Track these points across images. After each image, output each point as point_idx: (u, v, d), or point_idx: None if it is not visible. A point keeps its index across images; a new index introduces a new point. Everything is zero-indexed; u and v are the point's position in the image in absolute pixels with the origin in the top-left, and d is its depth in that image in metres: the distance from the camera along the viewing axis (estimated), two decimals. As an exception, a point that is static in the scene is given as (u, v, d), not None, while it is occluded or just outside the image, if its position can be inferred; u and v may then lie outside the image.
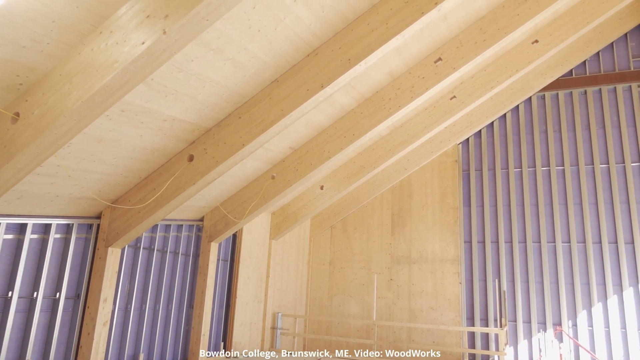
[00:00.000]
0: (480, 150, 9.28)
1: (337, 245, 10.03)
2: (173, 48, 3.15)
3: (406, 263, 9.32)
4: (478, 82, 7.73)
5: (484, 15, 6.02)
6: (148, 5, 3.04)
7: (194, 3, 2.85)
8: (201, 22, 3.05)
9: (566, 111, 8.83)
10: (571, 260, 8.20)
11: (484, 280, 8.71)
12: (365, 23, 4.66)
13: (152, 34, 3.00)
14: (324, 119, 6.53)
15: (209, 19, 3.06)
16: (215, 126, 5.23)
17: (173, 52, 3.21)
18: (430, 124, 7.93)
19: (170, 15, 2.96)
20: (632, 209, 8.00)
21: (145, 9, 3.06)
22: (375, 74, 6.10)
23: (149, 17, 3.02)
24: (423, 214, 9.40)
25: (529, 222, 8.60)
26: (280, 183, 7.05)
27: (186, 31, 3.05)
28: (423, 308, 8.97)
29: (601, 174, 8.35)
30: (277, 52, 4.59)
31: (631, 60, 8.56)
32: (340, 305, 9.66)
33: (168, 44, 3.08)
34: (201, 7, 2.90)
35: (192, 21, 2.97)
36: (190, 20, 2.95)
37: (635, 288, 7.77)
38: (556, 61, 8.77)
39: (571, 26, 7.34)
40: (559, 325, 8.02)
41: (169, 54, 3.19)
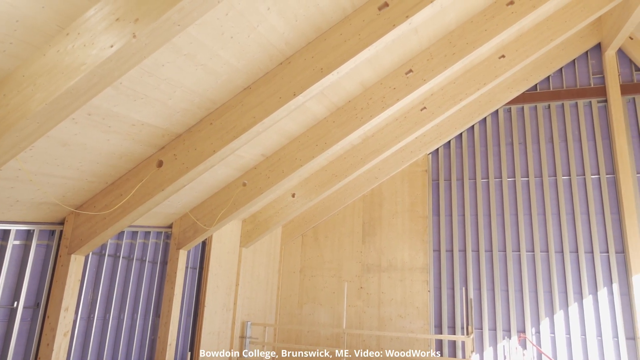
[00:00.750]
0: (450, 160, 9.48)
1: (308, 253, 10.02)
2: (143, 52, 3.10)
3: (376, 271, 9.39)
4: (448, 94, 7.92)
5: (454, 30, 6.19)
6: (118, 8, 2.99)
7: (165, 8, 2.83)
8: (172, 27, 3.02)
9: (531, 124, 9.14)
10: (535, 269, 8.45)
11: (451, 288, 8.86)
12: (338, 33, 4.72)
13: (121, 37, 2.95)
14: (296, 127, 6.54)
15: (181, 24, 3.03)
16: (185, 132, 5.17)
17: (143, 57, 3.16)
18: (401, 134, 8.05)
19: (140, 19, 2.92)
20: (591, 219, 8.33)
21: (115, 11, 3.01)
22: (348, 84, 6.17)
23: (118, 20, 2.97)
24: (393, 222, 9.51)
25: (495, 231, 8.82)
26: (251, 190, 7.01)
27: (157, 36, 3.01)
28: (392, 316, 9.04)
29: (563, 186, 8.66)
30: (249, 59, 4.58)
31: (591, 77, 8.95)
32: (310, 313, 9.63)
33: (138, 47, 3.03)
34: (172, 12, 2.87)
35: (163, 26, 2.93)
36: (161, 25, 2.92)
37: (594, 296, 8.06)
38: (522, 76, 9.08)
39: (536, 43, 7.63)
40: (523, 332, 8.23)
41: (138, 58, 3.15)
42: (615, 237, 8.17)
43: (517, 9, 6.00)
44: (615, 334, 7.80)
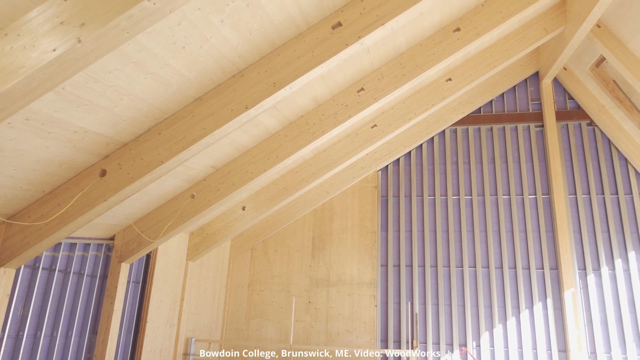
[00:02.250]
0: (398, 177, 9.73)
1: (257, 267, 9.90)
2: (88, 58, 3.00)
3: (325, 286, 9.41)
4: (397, 113, 8.17)
5: (404, 52, 6.42)
6: (63, 11, 2.88)
7: (114, 14, 2.76)
8: (121, 34, 2.95)
9: (475, 145, 9.58)
10: (476, 284, 8.78)
11: (398, 303, 9.03)
12: (291, 49, 4.77)
13: (65, 41, 2.84)
14: (248, 140, 6.50)
15: (130, 32, 2.96)
16: (132, 141, 5.01)
17: (88, 62, 3.05)
18: (352, 150, 8.19)
19: (87, 24, 2.83)
20: (528, 237, 8.79)
21: (60, 14, 2.90)
22: (301, 99, 6.23)
23: (62, 24, 2.86)
24: (343, 237, 9.60)
25: (440, 247, 9.10)
26: (200, 202, 6.87)
27: (104, 42, 2.92)
28: (340, 331, 9.07)
29: (503, 204, 9.11)
30: (201, 70, 4.54)
31: (530, 103, 9.53)
32: (257, 329, 9.48)
33: (83, 53, 2.93)
34: (121, 19, 2.81)
35: (110, 32, 2.86)
36: (108, 31, 2.84)
37: (530, 310, 8.47)
38: (467, 99, 9.53)
39: (480, 68, 8.05)
40: (465, 346, 8.50)
41: (83, 63, 3.04)
42: (550, 255, 8.66)
43: (462, 36, 6.33)
44: (549, 347, 8.22)
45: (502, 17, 6.28)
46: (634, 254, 8.36)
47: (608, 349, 8.03)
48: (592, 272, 8.43)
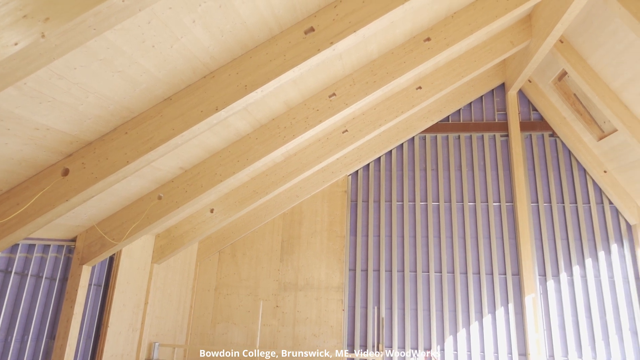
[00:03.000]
0: (368, 182, 9.83)
1: (225, 270, 9.78)
2: (52, 54, 2.91)
3: (293, 290, 9.39)
4: (368, 119, 8.26)
5: (375, 59, 6.51)
6: (26, 4, 2.79)
7: (80, 10, 2.69)
8: (87, 30, 2.87)
9: (442, 153, 9.78)
10: (442, 289, 8.95)
11: (365, 307, 9.09)
12: (264, 52, 4.76)
13: (27, 35, 2.74)
14: (217, 142, 6.44)
15: (97, 29, 2.89)
16: (97, 140, 4.88)
17: (52, 58, 2.96)
18: (322, 155, 8.23)
19: (51, 19, 2.74)
20: (492, 243, 9.03)
21: (23, 7, 2.80)
22: (272, 102, 6.22)
23: (25, 17, 2.77)
24: (312, 241, 9.61)
25: (407, 252, 9.23)
26: (167, 204, 6.74)
27: (69, 38, 2.84)
28: (307, 335, 9.06)
29: (469, 211, 9.33)
30: (171, 70, 4.47)
31: (496, 113, 9.82)
32: (223, 333, 9.35)
33: (46, 48, 2.84)
34: (88, 15, 2.74)
35: (76, 28, 2.78)
36: (74, 27, 2.77)
37: (492, 315, 8.70)
38: (436, 107, 9.73)
39: (449, 78, 8.24)
40: (429, 349, 8.64)
41: (47, 59, 2.94)
42: (512, 261, 8.92)
43: (433, 46, 6.47)
44: (510, 351, 8.45)
45: (470, 29, 6.45)
46: (590, 260, 8.71)
47: (565, 352, 8.33)
48: (552, 278, 8.74)
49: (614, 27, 6.82)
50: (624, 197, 8.76)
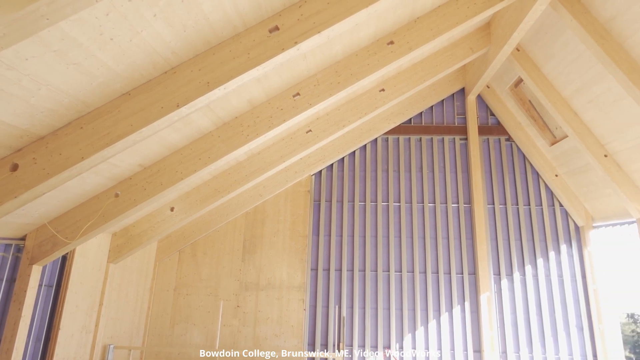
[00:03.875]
0: (331, 182, 9.89)
1: (185, 270, 9.59)
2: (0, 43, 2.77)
3: (254, 289, 9.32)
4: (332, 119, 8.31)
5: (340, 60, 6.56)
6: (-28, -11, 2.64)
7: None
8: (40, 20, 2.75)
9: (404, 154, 9.97)
10: (401, 288, 9.12)
11: (326, 306, 9.14)
12: (227, 49, 4.71)
13: (-26, 22, 2.60)
14: (179, 139, 6.31)
15: (50, 18, 2.78)
16: (50, 134, 4.68)
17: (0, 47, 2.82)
18: (286, 154, 8.21)
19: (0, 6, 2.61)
20: (450, 244, 9.28)
21: (-31, -7, 2.65)
22: (235, 100, 6.15)
23: (-29, 4, 2.62)
24: (274, 240, 9.57)
25: (368, 252, 9.35)
26: (124, 202, 6.54)
27: (19, 27, 2.71)
28: (267, 335, 9.01)
29: (429, 212, 9.55)
30: (130, 64, 4.34)
31: (456, 117, 10.10)
32: (182, 334, 9.17)
33: (-6, 37, 2.70)
34: (41, 4, 2.62)
35: (27, 17, 2.66)
36: (26, 16, 2.64)
37: (450, 313, 8.94)
38: (399, 109, 9.91)
39: (411, 81, 8.41)
40: (388, 348, 8.79)
41: (-6, 48, 2.80)
42: (469, 260, 9.20)
43: (396, 49, 6.58)
44: (465, 348, 8.71)
45: (432, 34, 6.61)
46: (542, 260, 9.10)
47: (517, 348, 8.66)
48: (506, 277, 9.07)
49: (566, 38, 7.15)
50: (573, 200, 9.20)
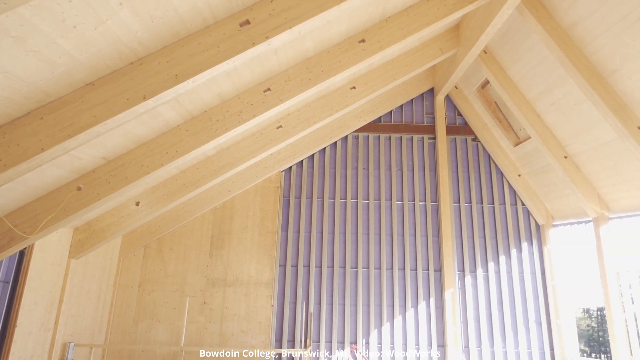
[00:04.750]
0: (301, 179, 9.88)
1: (150, 266, 9.40)
2: (-47, 26, 2.63)
3: (221, 286, 9.23)
4: (303, 116, 8.30)
5: (311, 57, 6.55)
6: None
7: (-12, -19, 2.46)
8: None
9: (374, 152, 10.07)
10: (369, 284, 9.23)
11: (294, 302, 9.15)
12: (196, 42, 4.63)
13: None
14: (145, 132, 6.16)
15: (8, 3, 2.66)
16: (7, 124, 4.48)
17: (-47, 31, 2.68)
18: (256, 150, 8.15)
19: (-47, -12, 2.48)
20: (417, 241, 9.45)
21: None
22: (205, 94, 6.06)
23: None
24: (243, 236, 9.50)
25: (337, 248, 9.41)
26: (87, 195, 6.34)
27: (-26, 10, 2.59)
28: (234, 332, 8.95)
29: (396, 209, 9.69)
30: (94, 53, 4.21)
31: (425, 116, 10.26)
32: (146, 331, 8.99)
33: (-53, 20, 2.56)
34: (-2, -12, 2.51)
35: (-17, 1, 2.54)
36: (-19, -1, 2.52)
37: (415, 309, 9.11)
38: (369, 107, 9.99)
39: (382, 80, 8.49)
40: (355, 343, 8.88)
41: (-54, 32, 2.66)
42: (435, 257, 9.39)
43: (367, 47, 6.62)
44: (430, 343, 8.90)
45: (403, 34, 6.68)
46: (504, 258, 9.39)
47: (479, 343, 8.92)
48: (469, 274, 9.31)
49: (531, 42, 7.37)
50: (534, 199, 9.52)
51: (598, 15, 5.92)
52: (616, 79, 6.26)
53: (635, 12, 5.47)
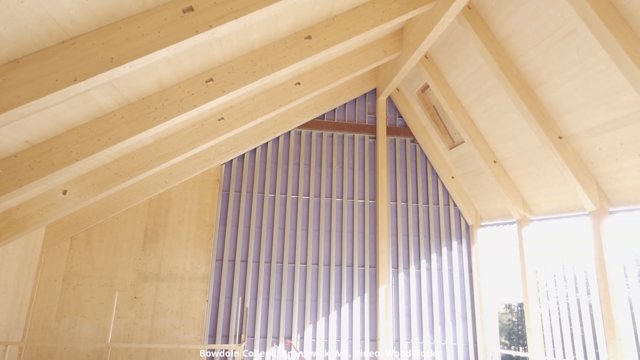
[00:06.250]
0: (242, 173, 9.75)
1: (77, 259, 8.88)
2: None
3: (154, 280, 8.92)
4: (246, 109, 8.19)
5: (256, 50, 6.47)
6: None
7: None
8: None
9: (316, 149, 10.14)
10: (306, 280, 9.30)
11: (229, 298, 9.03)
12: (135, 25, 4.42)
13: None
14: (75, 116, 5.80)
15: None
16: None
17: None
18: (196, 141, 7.93)
19: None
20: (354, 238, 9.64)
21: None
22: (143, 80, 5.80)
23: None
24: (179, 229, 9.22)
25: (275, 243, 9.39)
26: (6, 181, 5.88)
27: None
28: (166, 327, 8.68)
29: (336, 206, 9.83)
30: (20, 28, 3.90)
31: (367, 116, 10.48)
32: (70, 327, 8.50)
33: None
34: None
35: None
36: None
37: (350, 304, 9.30)
38: (313, 104, 10.04)
39: (327, 77, 8.56)
40: (290, 338, 8.92)
41: None
42: (371, 254, 9.63)
43: (313, 44, 6.65)
44: (363, 336, 9.13)
45: (349, 33, 6.78)
46: (435, 255, 9.82)
47: (409, 336, 9.28)
48: (403, 271, 9.65)
49: (468, 51, 7.74)
50: (465, 200, 10.03)
51: (529, 30, 6.33)
52: (542, 91, 6.73)
53: (561, 30, 5.90)
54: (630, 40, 4.95)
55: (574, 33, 5.78)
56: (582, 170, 6.74)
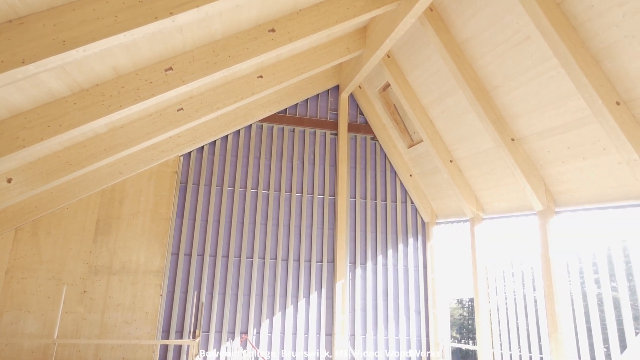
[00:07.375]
0: (201, 165, 9.57)
1: (22, 251, 8.44)
2: None
3: (105, 274, 8.61)
4: (206, 100, 8.03)
5: (219, 40, 6.36)
6: None
7: None
8: None
9: (277, 143, 10.09)
10: (263, 275, 9.26)
11: (185, 292, 8.86)
12: (90, 7, 4.24)
13: None
14: (23, 100, 5.50)
15: None
16: None
17: None
18: (153, 131, 7.71)
19: None
20: (313, 233, 9.69)
21: None
22: (98, 65, 5.58)
23: None
24: (133, 222, 8.95)
25: (233, 238, 9.29)
26: (-56, 167, 5.51)
27: None
28: (117, 322, 8.42)
29: (296, 201, 9.83)
30: (-37, 4, 3.65)
31: (329, 112, 10.52)
32: (12, 323, 8.08)
33: None
34: None
35: None
36: None
37: (307, 299, 9.35)
38: (275, 98, 9.97)
39: (290, 72, 8.52)
40: (245, 333, 8.87)
41: None
42: (329, 249, 9.71)
43: (276, 37, 6.60)
44: (319, 331, 9.21)
45: (313, 28, 6.77)
46: (392, 251, 10.02)
47: (364, 331, 9.43)
48: (360, 266, 9.79)
49: (429, 52, 7.92)
50: (422, 198, 10.28)
51: (487, 34, 6.55)
52: (497, 94, 6.99)
53: (517, 36, 6.14)
54: (579, 49, 5.22)
55: (528, 40, 6.03)
56: (532, 172, 7.05)
